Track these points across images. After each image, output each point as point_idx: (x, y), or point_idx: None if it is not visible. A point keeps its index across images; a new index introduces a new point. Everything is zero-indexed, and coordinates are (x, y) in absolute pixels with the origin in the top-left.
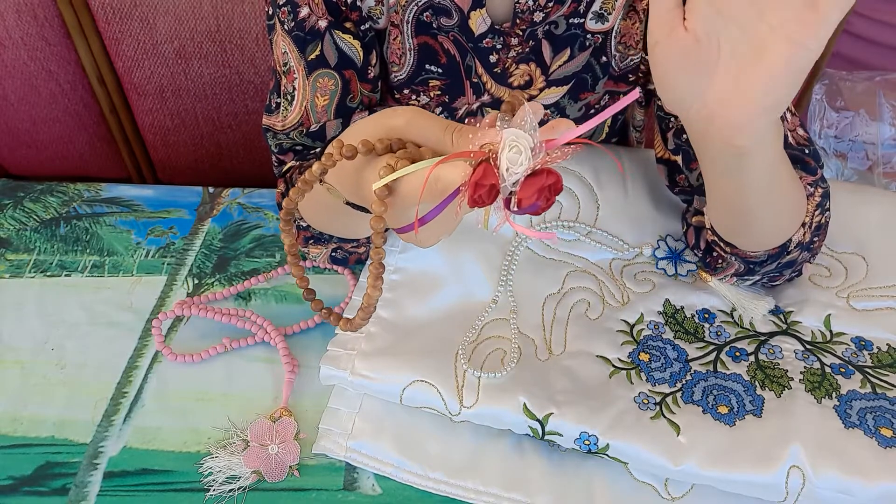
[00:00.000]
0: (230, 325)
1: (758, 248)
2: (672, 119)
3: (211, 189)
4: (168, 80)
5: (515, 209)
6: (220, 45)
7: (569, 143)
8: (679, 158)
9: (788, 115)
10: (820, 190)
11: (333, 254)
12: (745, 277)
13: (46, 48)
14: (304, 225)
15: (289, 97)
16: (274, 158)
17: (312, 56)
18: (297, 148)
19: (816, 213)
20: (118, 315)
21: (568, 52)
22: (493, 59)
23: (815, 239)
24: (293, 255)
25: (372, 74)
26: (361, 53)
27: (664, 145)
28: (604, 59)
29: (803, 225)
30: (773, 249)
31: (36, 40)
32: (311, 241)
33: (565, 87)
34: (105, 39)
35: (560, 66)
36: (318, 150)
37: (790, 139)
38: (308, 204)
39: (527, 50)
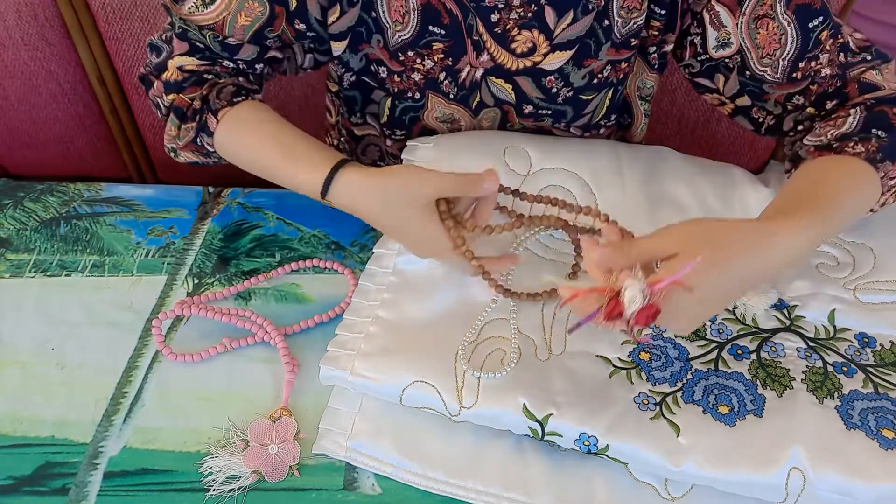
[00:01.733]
0: (230, 325)
1: None
2: (727, 60)
3: (211, 189)
4: None
5: (633, 324)
6: None
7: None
8: (746, 99)
9: (839, 27)
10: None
11: (196, 159)
12: None
13: (47, 48)
14: (210, 150)
15: None
16: (160, 36)
17: None
18: (198, 45)
19: (891, 195)
20: (118, 315)
21: (571, 14)
22: (494, 18)
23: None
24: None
25: (301, 27)
26: (295, 2)
27: (723, 100)
28: (606, 22)
29: (871, 210)
30: None
31: (36, 40)
32: (195, 151)
33: (569, 52)
34: (105, 39)
35: (563, 29)
36: (224, 60)
37: (851, 46)
38: (233, 145)
39: (529, 14)
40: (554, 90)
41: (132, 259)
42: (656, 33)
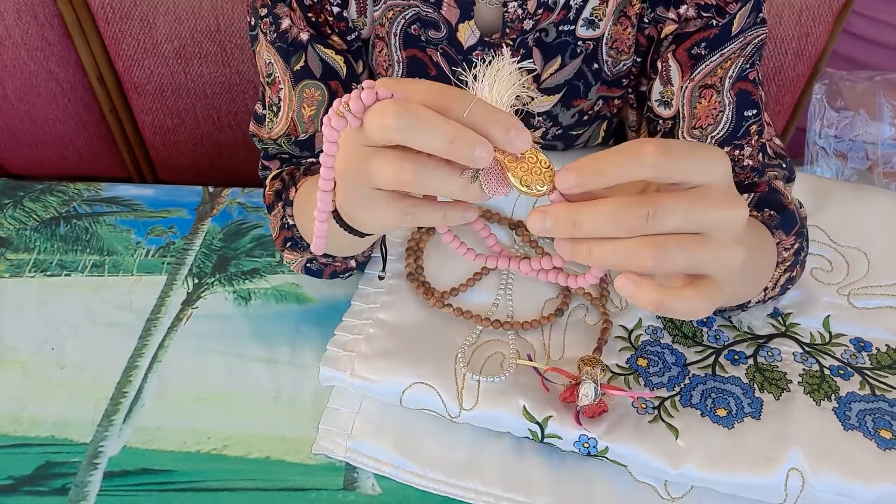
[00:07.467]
0: (232, 325)
1: None
2: (661, 121)
3: (211, 189)
4: (168, 79)
5: (581, 413)
6: (220, 45)
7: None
8: None
9: (766, 126)
10: (791, 252)
11: (308, 264)
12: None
13: (46, 48)
14: (291, 223)
15: (274, 108)
16: (260, 163)
17: (298, 67)
18: (284, 156)
19: (784, 275)
20: (118, 315)
21: (559, 59)
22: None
23: (789, 286)
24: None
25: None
26: (345, 69)
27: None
28: (595, 65)
29: (765, 289)
30: (730, 307)
31: (36, 40)
32: (290, 243)
33: (557, 96)
34: (105, 39)
35: (551, 74)
36: (306, 159)
37: (768, 149)
38: (302, 204)
39: (518, 58)
40: (542, 129)
41: (132, 259)
42: (633, 78)
